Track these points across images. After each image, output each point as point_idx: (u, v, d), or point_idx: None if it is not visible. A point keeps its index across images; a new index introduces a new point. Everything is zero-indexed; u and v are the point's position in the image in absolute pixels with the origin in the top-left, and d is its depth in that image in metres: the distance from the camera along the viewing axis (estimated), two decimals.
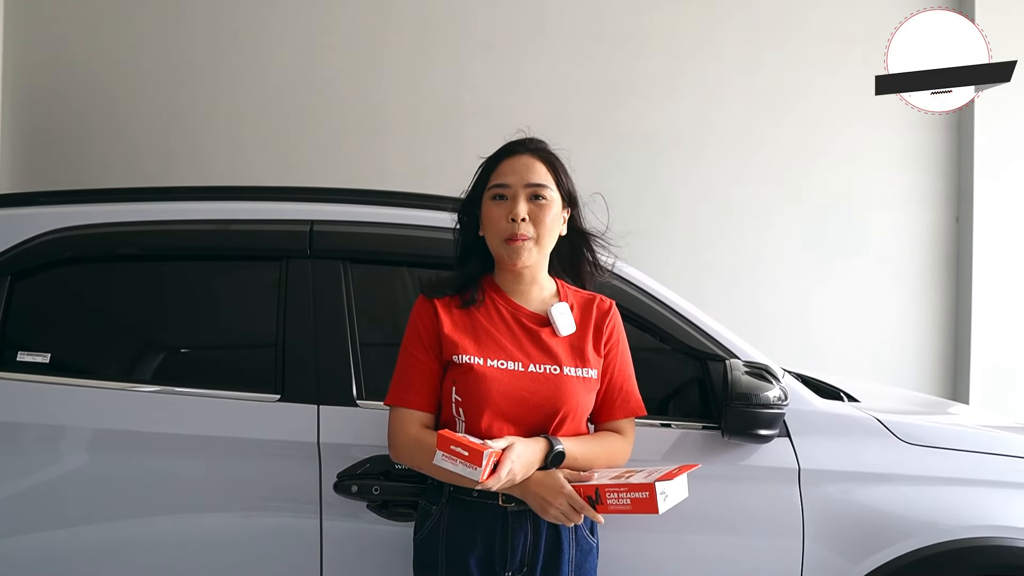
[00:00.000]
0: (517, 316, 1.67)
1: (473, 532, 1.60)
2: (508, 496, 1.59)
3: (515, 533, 1.60)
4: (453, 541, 1.61)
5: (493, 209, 1.65)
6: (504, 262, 1.66)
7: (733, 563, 1.92)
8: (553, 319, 1.67)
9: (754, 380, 1.88)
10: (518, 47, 4.33)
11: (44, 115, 4.23)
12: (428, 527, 1.64)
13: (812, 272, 4.38)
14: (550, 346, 1.65)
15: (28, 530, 1.89)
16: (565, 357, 1.65)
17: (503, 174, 1.66)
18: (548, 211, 1.64)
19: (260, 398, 1.93)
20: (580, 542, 1.64)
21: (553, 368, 1.63)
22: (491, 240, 1.66)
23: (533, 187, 1.64)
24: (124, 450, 1.90)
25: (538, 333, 1.66)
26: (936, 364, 4.41)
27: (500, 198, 1.64)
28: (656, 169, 4.32)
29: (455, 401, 1.62)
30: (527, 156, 1.67)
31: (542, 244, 1.65)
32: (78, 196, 2.19)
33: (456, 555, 1.60)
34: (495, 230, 1.64)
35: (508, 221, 1.63)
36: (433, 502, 1.66)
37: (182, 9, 4.25)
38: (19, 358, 1.96)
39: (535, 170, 1.66)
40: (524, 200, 1.63)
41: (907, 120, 4.42)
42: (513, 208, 1.63)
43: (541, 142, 1.71)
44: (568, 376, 1.63)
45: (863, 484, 1.96)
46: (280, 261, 2.00)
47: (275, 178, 3.97)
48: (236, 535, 1.89)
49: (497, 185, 1.65)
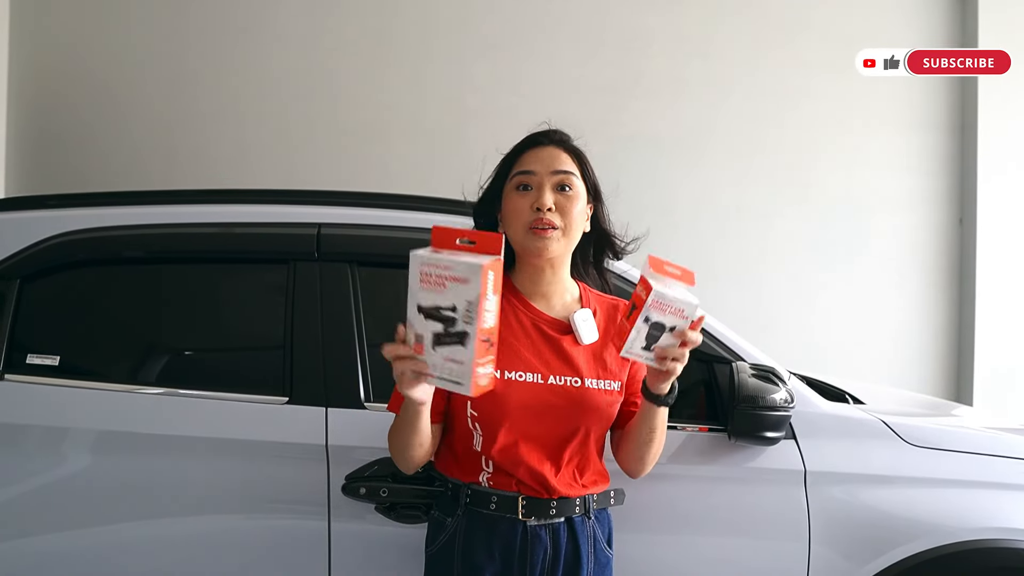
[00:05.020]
0: (537, 323, 1.59)
1: (491, 546, 1.55)
2: (527, 510, 1.55)
3: (534, 548, 1.55)
4: (469, 555, 1.56)
5: (517, 200, 1.57)
6: (529, 253, 1.57)
7: (739, 565, 1.93)
8: (576, 327, 1.59)
9: (761, 383, 1.88)
10: (521, 49, 4.34)
11: (49, 119, 4.24)
12: (442, 540, 1.59)
13: (815, 274, 4.39)
14: (572, 356, 1.57)
15: (38, 531, 1.90)
16: (587, 368, 1.57)
17: (528, 162, 1.58)
18: (575, 202, 1.57)
19: (268, 401, 1.93)
20: (599, 555, 1.61)
21: (574, 381, 1.55)
22: (514, 232, 1.57)
23: (560, 175, 1.56)
24: (133, 452, 1.90)
25: (559, 342, 1.58)
26: (939, 366, 4.42)
27: (524, 188, 1.57)
28: (658, 170, 4.33)
29: (471, 416, 1.54)
30: (552, 147, 1.60)
31: (569, 236, 1.57)
32: (87, 199, 2.19)
33: (472, 569, 1.55)
34: (519, 220, 1.55)
35: (533, 211, 1.54)
36: (448, 514, 1.60)
37: (186, 13, 4.26)
38: (28, 361, 1.97)
39: (561, 159, 1.59)
40: (550, 190, 1.55)
41: (910, 121, 4.43)
42: (539, 197, 1.54)
43: (565, 134, 1.65)
44: (590, 389, 1.56)
45: (869, 486, 1.96)
46: (288, 264, 2.01)
47: (279, 180, 3.98)
48: (244, 537, 1.89)
49: (521, 172, 1.57)
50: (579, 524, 1.59)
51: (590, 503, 1.61)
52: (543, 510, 1.56)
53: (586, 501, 1.60)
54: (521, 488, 1.56)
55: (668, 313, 1.42)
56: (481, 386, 1.31)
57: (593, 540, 1.60)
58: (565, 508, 1.57)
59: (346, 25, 4.31)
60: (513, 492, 1.56)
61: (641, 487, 1.82)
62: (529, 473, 1.55)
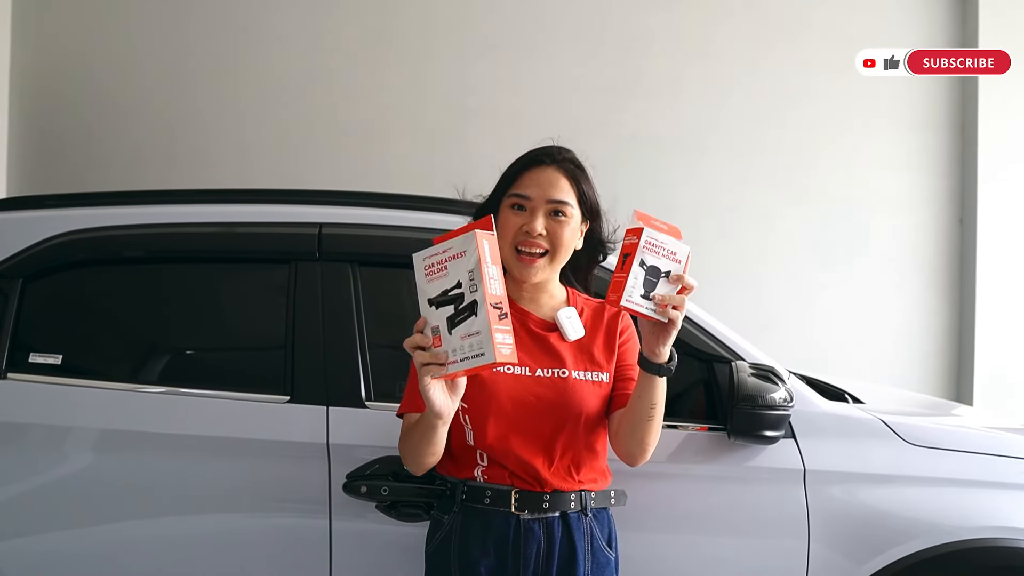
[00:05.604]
0: (524, 322, 1.63)
1: (485, 540, 1.57)
2: (520, 503, 1.57)
3: (528, 542, 1.56)
4: (465, 550, 1.58)
5: (511, 216, 1.60)
6: (512, 275, 1.61)
7: (738, 563, 1.93)
8: (560, 324, 1.63)
9: (760, 382, 1.89)
10: (521, 49, 4.35)
11: (50, 119, 4.25)
12: (440, 537, 1.62)
13: (815, 274, 4.39)
14: (558, 350, 1.61)
15: (41, 530, 1.91)
16: (573, 361, 1.61)
17: (525, 185, 1.60)
18: (566, 227, 1.59)
19: (270, 399, 1.94)
20: (596, 554, 1.61)
21: (561, 372, 1.59)
22: (504, 247, 1.60)
23: (554, 204, 1.59)
24: (135, 451, 1.91)
25: (545, 338, 1.62)
26: (939, 365, 4.43)
27: (519, 208, 1.60)
28: (659, 171, 4.34)
29: (461, 408, 1.56)
30: (552, 169, 1.61)
31: (556, 259, 1.61)
32: (89, 199, 2.20)
33: (468, 564, 1.57)
34: (509, 236, 1.60)
35: (523, 232, 1.58)
36: (445, 511, 1.63)
37: (186, 14, 4.27)
38: (31, 360, 1.98)
39: (559, 186, 1.60)
40: (543, 216, 1.58)
41: (910, 121, 4.44)
42: (531, 222, 1.58)
43: (568, 152, 1.65)
44: (576, 380, 1.60)
45: (868, 485, 1.97)
46: (289, 264, 2.01)
47: (279, 180, 3.99)
48: (245, 536, 1.90)
49: (517, 195, 1.60)
50: (575, 520, 1.59)
51: (587, 500, 1.61)
52: (536, 503, 1.57)
53: (582, 497, 1.60)
54: (515, 481, 1.57)
55: (662, 256, 1.44)
56: (505, 355, 1.32)
57: (590, 538, 1.60)
58: (559, 502, 1.58)
59: (346, 25, 4.32)
60: (507, 486, 1.58)
61: (641, 486, 1.83)
62: (521, 465, 1.56)
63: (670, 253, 1.45)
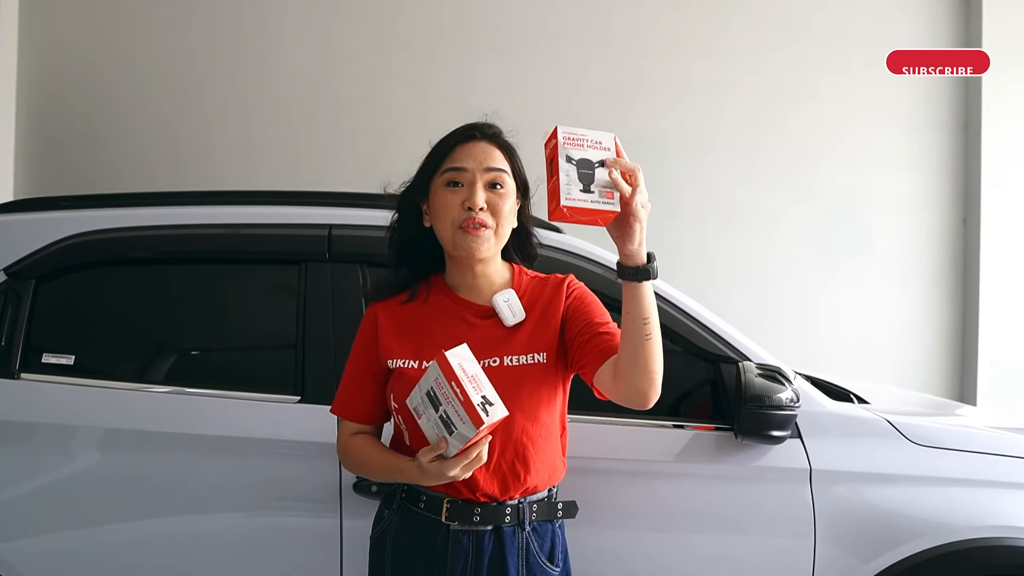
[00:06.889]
0: (460, 312, 1.56)
1: (416, 547, 1.54)
2: (451, 513, 1.51)
3: (455, 554, 1.51)
4: (398, 552, 1.56)
5: (446, 195, 1.51)
6: (459, 252, 1.52)
7: (745, 562, 1.95)
8: (498, 309, 1.54)
9: (767, 382, 1.91)
10: (524, 50, 4.36)
11: (57, 123, 4.27)
12: (379, 531, 1.62)
13: (819, 274, 4.39)
14: (492, 339, 1.53)
15: (57, 528, 1.93)
16: (507, 347, 1.52)
17: (460, 158, 1.53)
18: (506, 200, 1.53)
19: (281, 400, 1.96)
20: (533, 569, 1.53)
21: (492, 361, 1.50)
22: (443, 229, 1.52)
23: (492, 172, 1.52)
24: (147, 451, 1.93)
25: (481, 327, 1.54)
26: (943, 366, 4.43)
27: (454, 184, 1.52)
28: (663, 172, 4.33)
29: (393, 408, 1.53)
30: (484, 142, 1.55)
31: (499, 233, 1.53)
32: (101, 200, 2.23)
33: (400, 567, 1.56)
34: (448, 217, 1.51)
35: (464, 209, 1.50)
36: (387, 505, 1.63)
37: (191, 16, 4.29)
38: (44, 360, 2.00)
39: (494, 156, 1.54)
40: (483, 188, 1.51)
41: (914, 122, 4.44)
42: (471, 196, 1.50)
43: (496, 127, 1.59)
44: (509, 367, 1.50)
45: (874, 485, 1.98)
46: (299, 265, 2.03)
47: (284, 182, 3.99)
48: (256, 535, 1.92)
49: (452, 169, 1.52)
50: (508, 534, 1.52)
51: (525, 513, 1.53)
52: (467, 515, 1.51)
53: (519, 511, 1.53)
54: (448, 489, 1.52)
55: (587, 147, 1.37)
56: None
57: (525, 553, 1.52)
58: (492, 516, 1.52)
59: (351, 28, 4.33)
60: (440, 493, 1.53)
61: (647, 485, 1.84)
62: None
63: (595, 143, 1.37)
